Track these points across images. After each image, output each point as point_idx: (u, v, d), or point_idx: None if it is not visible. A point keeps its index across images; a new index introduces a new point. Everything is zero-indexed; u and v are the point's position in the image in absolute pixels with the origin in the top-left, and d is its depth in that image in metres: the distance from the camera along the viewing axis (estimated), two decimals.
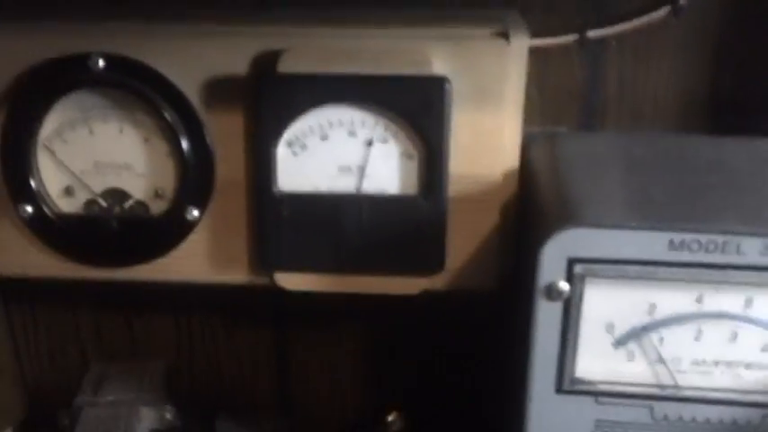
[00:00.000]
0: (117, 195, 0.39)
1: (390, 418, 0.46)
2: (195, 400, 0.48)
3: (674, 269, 0.31)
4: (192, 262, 0.39)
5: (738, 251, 0.30)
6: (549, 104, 0.41)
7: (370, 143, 0.36)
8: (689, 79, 0.40)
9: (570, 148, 0.38)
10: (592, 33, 0.39)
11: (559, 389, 0.33)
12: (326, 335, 0.47)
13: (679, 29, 0.39)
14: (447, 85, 0.35)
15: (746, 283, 0.31)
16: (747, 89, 0.40)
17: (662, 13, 0.39)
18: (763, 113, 0.40)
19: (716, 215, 0.31)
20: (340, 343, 0.47)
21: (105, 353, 0.49)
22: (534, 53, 0.39)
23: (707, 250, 0.30)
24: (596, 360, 0.33)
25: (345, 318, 0.47)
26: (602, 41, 0.40)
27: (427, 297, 0.38)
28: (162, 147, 0.38)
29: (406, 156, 0.37)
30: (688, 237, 0.30)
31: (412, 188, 0.37)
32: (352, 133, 0.36)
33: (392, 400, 0.47)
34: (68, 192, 0.39)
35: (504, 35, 0.35)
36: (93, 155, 0.38)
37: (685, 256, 0.30)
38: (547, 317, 0.32)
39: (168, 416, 0.45)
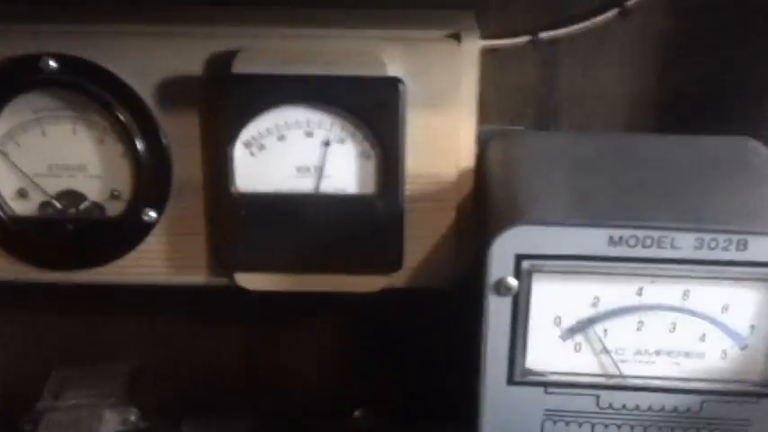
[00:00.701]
0: (72, 197, 0.38)
1: (358, 414, 0.47)
2: (161, 402, 0.47)
3: (615, 264, 0.32)
4: (149, 264, 0.39)
5: (673, 246, 0.32)
6: (505, 104, 0.42)
7: (327, 143, 0.37)
8: (638, 79, 0.42)
9: (523, 147, 0.39)
10: (544, 35, 0.40)
11: (511, 380, 0.34)
12: (294, 333, 0.48)
13: (627, 30, 0.41)
14: (401, 86, 0.35)
15: (682, 276, 0.33)
16: (693, 88, 0.42)
17: (610, 15, 0.40)
18: (708, 111, 0.42)
19: (653, 211, 0.32)
20: (308, 341, 0.48)
21: (68, 357, 0.48)
22: (490, 54, 0.40)
23: (644, 245, 0.32)
24: (545, 352, 0.34)
25: (313, 316, 0.47)
26: (554, 42, 0.41)
27: (392, 294, 0.39)
28: (117, 148, 0.37)
29: (363, 156, 0.37)
30: (626, 233, 0.32)
31: (369, 188, 0.37)
32: (309, 134, 0.37)
33: (361, 396, 0.47)
34: (22, 194, 0.38)
35: (456, 37, 0.36)
36: (47, 157, 0.38)
37: (624, 251, 0.32)
38: (497, 312, 0.33)
39: (132, 418, 0.45)
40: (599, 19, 0.40)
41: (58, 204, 0.39)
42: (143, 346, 0.48)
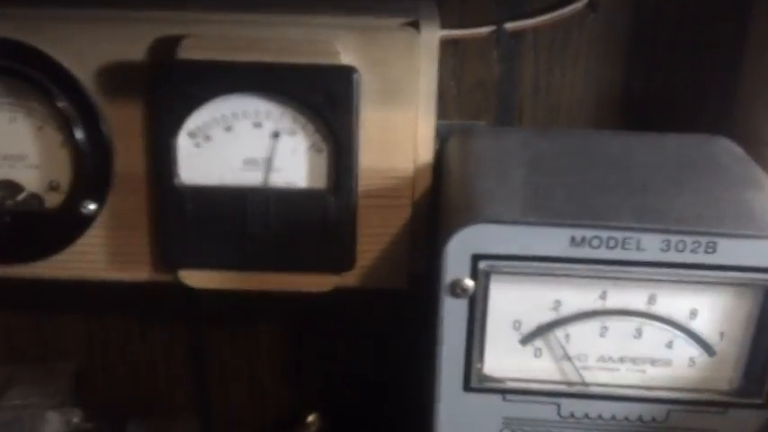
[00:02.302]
0: (9, 187, 0.36)
1: (310, 419, 0.45)
2: (108, 402, 0.46)
3: (577, 265, 0.30)
4: (90, 259, 0.37)
5: (639, 247, 0.30)
6: (466, 98, 0.41)
7: (276, 135, 0.35)
8: (603, 75, 0.40)
9: (483, 143, 0.38)
10: (508, 26, 0.39)
11: (467, 387, 0.32)
12: (244, 333, 0.46)
13: (594, 25, 0.40)
14: (355, 76, 0.34)
15: (648, 280, 0.31)
16: (659, 85, 0.41)
17: (577, 7, 0.39)
18: (676, 108, 0.41)
19: (617, 211, 0.31)
20: (258, 342, 0.46)
21: (13, 355, 0.46)
22: (451, 46, 0.39)
23: (608, 246, 0.30)
24: (504, 357, 0.33)
25: (263, 316, 0.45)
26: (519, 35, 0.39)
27: (345, 295, 0.38)
28: (56, 137, 0.35)
29: (315, 149, 0.35)
30: (588, 233, 0.30)
31: (321, 182, 0.36)
32: (257, 124, 0.35)
33: (312, 400, 0.46)
34: None
35: (415, 25, 0.34)
36: None
37: (587, 253, 0.30)
38: (453, 314, 0.31)
39: (76, 419, 0.43)
40: (566, 11, 0.38)
41: None
42: (87, 344, 0.46)
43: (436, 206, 0.37)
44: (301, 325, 0.46)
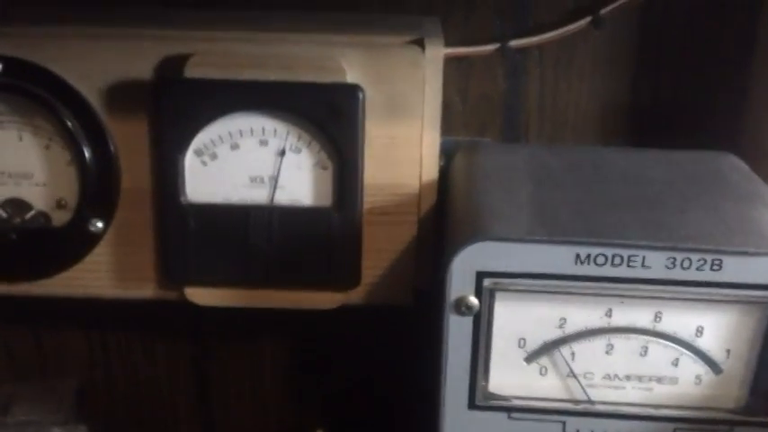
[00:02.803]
0: (17, 206, 0.37)
1: None
2: (111, 418, 0.46)
3: (582, 283, 0.30)
4: (96, 276, 0.37)
5: (644, 265, 0.30)
6: (472, 115, 0.41)
7: (282, 153, 0.35)
8: (609, 91, 0.40)
9: (488, 159, 0.37)
10: (513, 43, 0.39)
11: (472, 404, 0.32)
12: (247, 348, 0.46)
13: (599, 40, 0.40)
14: (360, 94, 0.34)
15: (654, 297, 0.31)
16: (665, 100, 0.41)
17: (582, 24, 0.39)
18: (679, 124, 0.41)
19: (622, 228, 0.30)
20: (262, 357, 0.46)
21: (15, 372, 0.46)
22: (457, 62, 0.39)
23: (613, 264, 0.30)
24: (509, 375, 0.33)
25: (267, 332, 0.45)
26: (523, 51, 0.39)
27: (350, 312, 0.38)
28: (63, 155, 0.36)
29: (320, 166, 0.35)
30: (593, 250, 0.30)
31: (326, 200, 0.36)
32: (263, 142, 0.35)
33: (315, 415, 0.46)
34: None
35: (420, 43, 0.35)
36: None
37: (592, 270, 0.30)
38: (458, 332, 0.31)
39: None
40: (570, 28, 0.38)
41: (2, 213, 0.37)
42: (89, 360, 0.46)
43: (442, 222, 0.37)
44: (305, 340, 0.46)
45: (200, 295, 0.37)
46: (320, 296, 0.36)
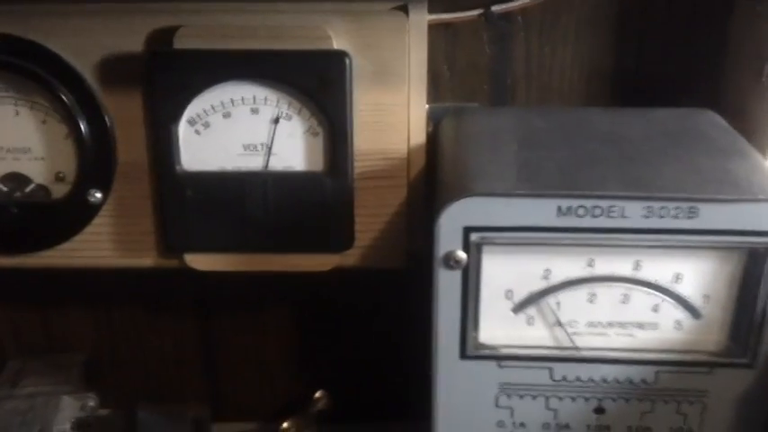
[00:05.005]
0: (16, 180, 0.38)
1: (317, 395, 0.46)
2: (118, 390, 0.47)
3: (564, 234, 0.32)
4: (97, 246, 0.38)
5: (623, 215, 0.31)
6: (459, 81, 0.41)
7: (276, 120, 0.36)
8: (593, 54, 0.41)
9: (475, 123, 0.39)
10: (496, 8, 0.40)
11: (463, 355, 0.34)
12: (252, 318, 0.47)
13: (582, 4, 0.40)
14: (347, 60, 0.35)
15: (633, 246, 0.32)
16: (649, 62, 0.41)
17: None
18: (662, 86, 0.42)
19: (601, 181, 0.32)
20: (266, 326, 0.47)
21: (23, 348, 0.47)
22: (443, 29, 0.40)
23: (593, 215, 0.31)
24: (498, 326, 0.34)
25: (270, 300, 0.46)
26: (508, 17, 0.40)
27: (350, 280, 0.38)
28: (60, 129, 0.37)
29: (311, 133, 0.37)
30: (574, 202, 0.31)
31: (318, 165, 0.37)
32: (255, 111, 0.36)
33: (320, 380, 0.47)
34: None
35: (404, 9, 0.35)
36: None
37: (573, 222, 0.31)
38: (447, 286, 0.33)
39: (91, 403, 0.44)
40: None
41: (2, 187, 0.38)
42: (95, 334, 0.47)
43: (432, 186, 0.38)
44: (307, 308, 0.46)
45: (199, 261, 0.38)
46: (316, 258, 0.38)
